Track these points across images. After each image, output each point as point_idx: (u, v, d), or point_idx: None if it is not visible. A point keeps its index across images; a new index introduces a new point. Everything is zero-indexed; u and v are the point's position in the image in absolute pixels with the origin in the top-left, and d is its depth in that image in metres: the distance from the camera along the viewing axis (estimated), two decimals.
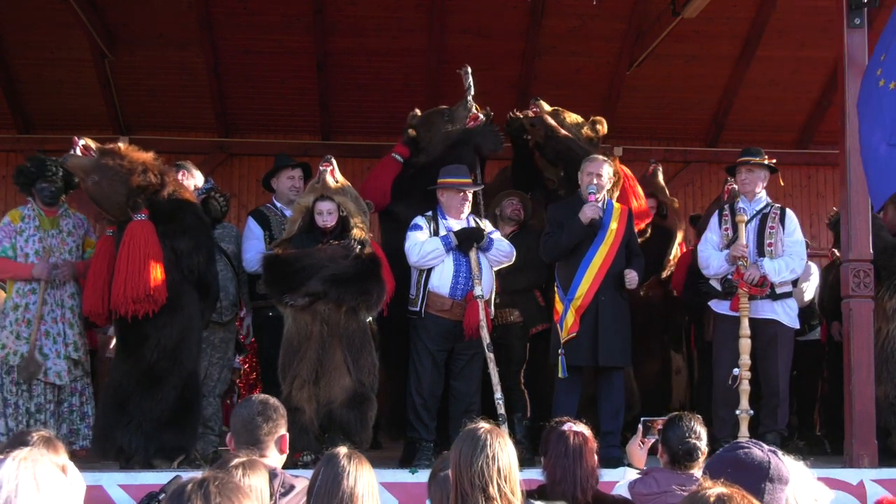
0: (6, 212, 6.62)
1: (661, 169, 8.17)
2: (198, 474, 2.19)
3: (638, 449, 4.21)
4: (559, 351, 6.12)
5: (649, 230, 7.49)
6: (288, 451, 3.66)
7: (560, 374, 6.10)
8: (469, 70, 6.85)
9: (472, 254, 6.16)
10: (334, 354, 5.79)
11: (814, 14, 9.46)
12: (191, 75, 10.10)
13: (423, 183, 6.48)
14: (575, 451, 3.43)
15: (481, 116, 6.78)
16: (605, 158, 6.48)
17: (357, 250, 5.87)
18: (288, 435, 3.67)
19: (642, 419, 4.23)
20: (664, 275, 7.83)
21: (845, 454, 6.04)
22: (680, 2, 8.88)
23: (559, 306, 6.22)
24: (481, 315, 6.08)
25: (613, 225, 6.26)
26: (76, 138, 5.85)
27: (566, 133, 6.97)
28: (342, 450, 2.99)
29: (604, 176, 6.30)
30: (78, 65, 9.87)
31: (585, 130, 7.05)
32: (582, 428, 3.55)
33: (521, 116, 7.16)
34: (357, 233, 5.96)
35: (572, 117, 7.14)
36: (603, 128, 7.12)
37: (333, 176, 6.08)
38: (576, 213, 6.23)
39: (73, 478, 2.81)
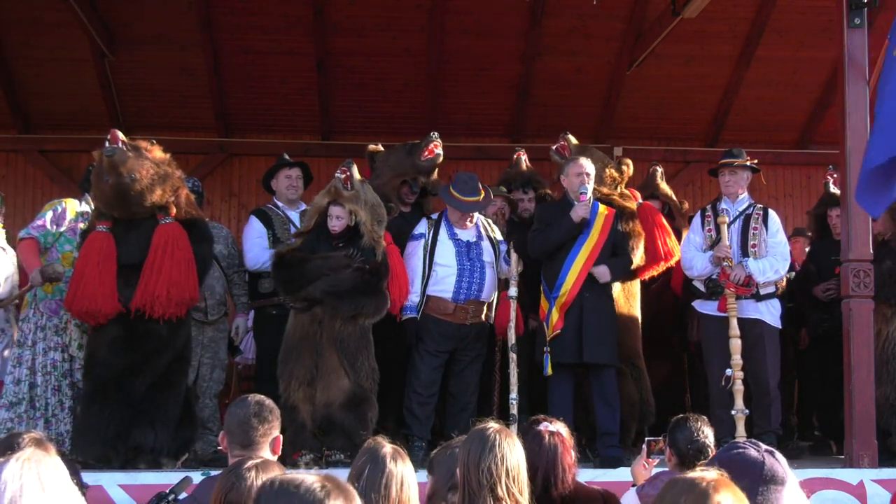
0: None
1: (660, 170, 8.12)
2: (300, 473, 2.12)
3: (642, 470, 4.20)
4: (545, 349, 6.14)
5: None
6: (280, 451, 3.65)
7: (545, 372, 6.13)
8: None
9: (513, 256, 6.27)
10: (330, 358, 5.80)
11: (814, 14, 9.46)
12: (191, 75, 10.09)
13: None
14: (550, 450, 3.43)
15: (437, 151, 6.73)
16: (587, 158, 6.45)
17: (359, 262, 5.90)
18: (282, 435, 3.67)
19: (646, 439, 4.21)
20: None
21: (845, 454, 6.05)
22: (680, 2, 8.87)
23: (544, 304, 6.26)
24: (512, 315, 6.13)
25: (598, 224, 6.28)
26: (116, 132, 5.70)
27: None
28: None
29: (591, 174, 6.31)
30: (78, 65, 9.85)
31: (610, 171, 6.91)
32: (559, 427, 3.55)
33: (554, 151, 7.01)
34: (367, 241, 5.99)
35: (597, 155, 6.98)
36: (628, 169, 7.03)
37: (348, 184, 6.07)
38: (564, 213, 6.26)
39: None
